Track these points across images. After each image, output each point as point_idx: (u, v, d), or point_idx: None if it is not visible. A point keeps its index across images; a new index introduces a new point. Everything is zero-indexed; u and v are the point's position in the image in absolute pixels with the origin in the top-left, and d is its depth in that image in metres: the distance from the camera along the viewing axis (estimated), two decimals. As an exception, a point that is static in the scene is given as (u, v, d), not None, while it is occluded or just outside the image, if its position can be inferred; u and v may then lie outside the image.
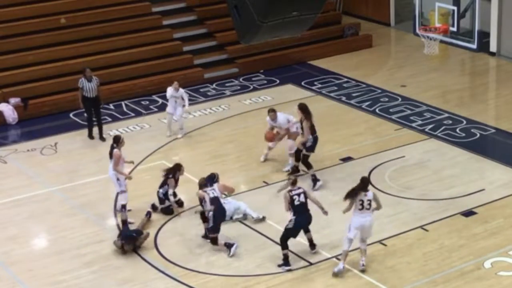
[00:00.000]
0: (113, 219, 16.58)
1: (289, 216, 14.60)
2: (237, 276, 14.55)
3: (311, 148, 17.44)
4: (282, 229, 14.88)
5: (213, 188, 15.58)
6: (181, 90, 20.21)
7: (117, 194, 16.64)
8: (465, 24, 26.50)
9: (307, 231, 14.87)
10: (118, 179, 16.41)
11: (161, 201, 16.82)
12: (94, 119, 20.35)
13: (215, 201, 15.26)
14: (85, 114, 20.55)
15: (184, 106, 20.16)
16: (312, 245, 15.03)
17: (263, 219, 16.26)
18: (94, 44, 24.08)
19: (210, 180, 15.95)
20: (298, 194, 14.55)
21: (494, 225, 15.85)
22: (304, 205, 14.57)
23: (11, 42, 23.46)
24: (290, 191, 14.60)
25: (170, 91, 20.16)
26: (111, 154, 16.44)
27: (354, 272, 14.47)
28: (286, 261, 14.65)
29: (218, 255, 15.22)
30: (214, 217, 15.10)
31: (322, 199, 16.75)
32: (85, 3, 24.91)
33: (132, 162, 17.37)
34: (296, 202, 14.49)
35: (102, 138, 20.26)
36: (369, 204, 14.12)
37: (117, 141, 16.51)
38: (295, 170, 17.65)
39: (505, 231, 15.66)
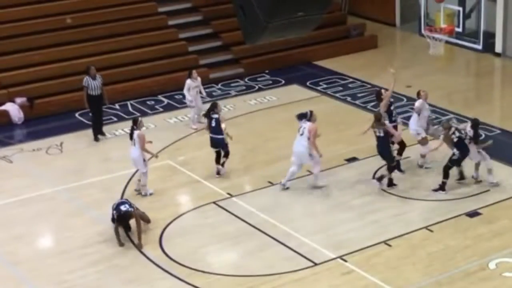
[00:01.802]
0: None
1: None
2: (242, 276, 14.54)
3: None
4: (286, 229, 14.96)
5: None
6: (199, 79, 20.71)
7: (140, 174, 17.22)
8: (470, 25, 26.50)
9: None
10: (144, 160, 16.91)
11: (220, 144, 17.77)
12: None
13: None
14: (90, 114, 20.59)
15: (201, 93, 20.81)
16: (462, 178, 17.43)
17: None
18: (100, 44, 24.14)
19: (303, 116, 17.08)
20: (454, 133, 16.92)
21: (499, 226, 15.84)
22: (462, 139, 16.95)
23: (17, 42, 23.52)
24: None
25: (190, 82, 20.44)
26: (131, 136, 16.99)
27: (358, 273, 14.49)
28: (443, 187, 17.02)
29: (223, 255, 15.26)
30: None
31: (328, 199, 16.78)
32: (91, 3, 24.98)
33: (151, 142, 17.55)
34: (455, 139, 16.87)
35: (96, 138, 20.26)
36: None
37: (136, 123, 17.02)
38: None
39: (510, 231, 15.63)
